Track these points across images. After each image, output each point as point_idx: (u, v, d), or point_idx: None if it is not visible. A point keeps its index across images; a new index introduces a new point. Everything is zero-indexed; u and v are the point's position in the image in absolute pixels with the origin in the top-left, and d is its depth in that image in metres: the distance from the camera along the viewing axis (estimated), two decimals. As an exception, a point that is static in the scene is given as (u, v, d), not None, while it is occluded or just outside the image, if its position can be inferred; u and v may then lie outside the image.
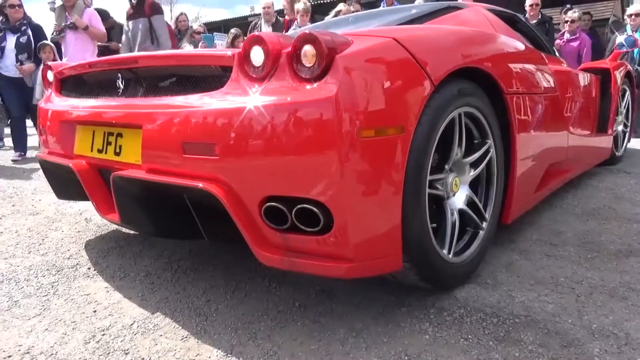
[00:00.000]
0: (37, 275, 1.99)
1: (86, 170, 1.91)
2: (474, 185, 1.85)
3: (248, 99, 1.38)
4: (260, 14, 6.75)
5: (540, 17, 6.16)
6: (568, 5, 6.78)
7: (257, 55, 1.38)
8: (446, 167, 1.67)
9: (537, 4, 6.16)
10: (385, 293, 1.71)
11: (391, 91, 1.35)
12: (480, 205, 1.82)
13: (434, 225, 1.61)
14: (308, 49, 1.29)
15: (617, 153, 3.85)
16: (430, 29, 1.92)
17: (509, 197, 1.96)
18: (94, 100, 2.00)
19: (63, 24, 5.12)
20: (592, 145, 3.24)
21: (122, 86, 1.86)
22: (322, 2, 14.86)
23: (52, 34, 5.26)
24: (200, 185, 1.42)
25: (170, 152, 1.52)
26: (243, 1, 78.59)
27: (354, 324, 1.53)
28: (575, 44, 6.13)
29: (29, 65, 5.10)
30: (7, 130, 5.87)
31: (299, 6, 5.59)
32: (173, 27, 7.18)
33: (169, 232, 1.78)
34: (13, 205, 3.08)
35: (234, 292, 1.78)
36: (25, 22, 5.13)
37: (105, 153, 1.82)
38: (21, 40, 5.07)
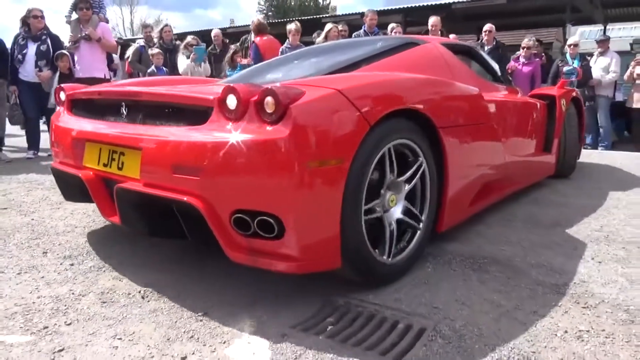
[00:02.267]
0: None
1: (93, 180, 2.23)
2: (412, 193, 2.19)
3: (224, 134, 1.73)
4: (249, 29, 7.29)
5: (494, 42, 7.15)
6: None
7: (232, 102, 1.74)
8: (382, 191, 2.02)
9: (490, 31, 7.12)
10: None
11: (333, 131, 1.71)
12: (417, 211, 2.18)
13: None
14: (269, 100, 1.64)
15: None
16: (372, 77, 2.16)
17: (442, 210, 2.33)
18: (100, 122, 2.34)
19: (78, 36, 5.63)
20: (537, 163, 3.71)
21: (125, 112, 2.22)
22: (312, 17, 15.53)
23: (68, 44, 5.78)
24: (185, 199, 1.78)
25: (163, 171, 1.86)
26: (199, 5, 78.51)
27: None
28: (528, 68, 7.11)
29: (46, 72, 5.57)
30: (13, 130, 6.28)
31: (290, 27, 6.23)
32: (152, 36, 7.47)
33: (160, 233, 2.11)
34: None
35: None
36: (45, 32, 5.58)
37: (110, 167, 2.14)
38: (41, 48, 5.53)
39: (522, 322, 1.76)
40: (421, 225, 2.20)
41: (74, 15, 5.74)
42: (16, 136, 7.38)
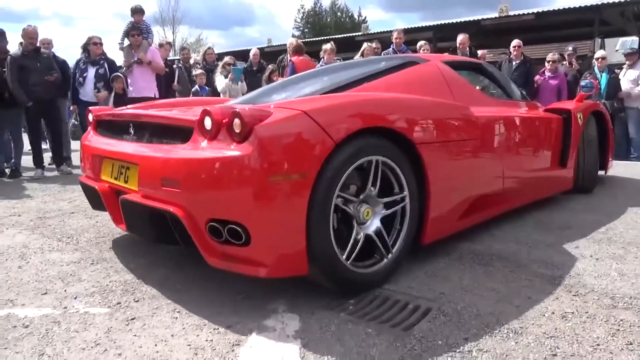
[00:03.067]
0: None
1: (106, 192, 2.52)
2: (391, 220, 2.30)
3: (200, 152, 1.96)
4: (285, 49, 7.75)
5: (522, 57, 7.35)
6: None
7: (208, 123, 1.97)
8: (361, 197, 2.16)
9: (518, 46, 7.34)
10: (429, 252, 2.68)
11: (296, 149, 1.87)
12: (388, 239, 2.24)
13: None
14: (237, 121, 1.84)
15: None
16: (341, 98, 2.28)
17: (425, 225, 2.42)
18: (115, 140, 2.64)
19: (131, 60, 6.20)
20: (549, 177, 3.75)
21: (132, 131, 2.52)
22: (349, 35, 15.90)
23: (122, 68, 6.37)
24: (171, 209, 2.01)
25: (154, 183, 2.10)
26: (238, 23, 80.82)
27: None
28: (555, 81, 7.27)
29: (103, 93, 6.18)
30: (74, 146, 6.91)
31: (326, 46, 6.66)
32: (189, 57, 7.97)
33: (161, 240, 2.30)
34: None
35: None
36: (103, 57, 6.23)
37: (119, 180, 2.43)
38: (99, 71, 6.15)
39: (516, 305, 2.04)
40: (390, 256, 2.24)
41: (126, 42, 6.33)
42: (77, 151, 8.05)
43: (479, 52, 7.64)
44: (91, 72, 6.13)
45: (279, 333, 1.83)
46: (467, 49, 7.12)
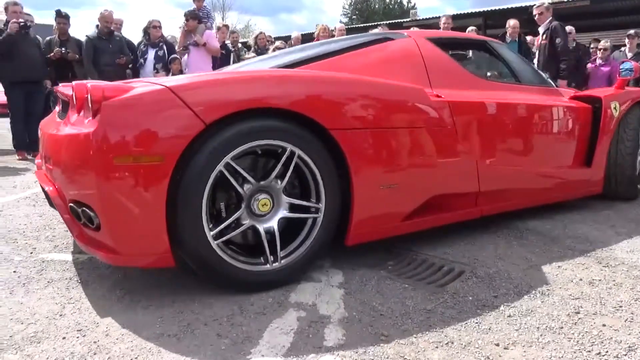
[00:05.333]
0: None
1: None
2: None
3: (63, 127, 1.94)
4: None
5: (574, 44, 7.22)
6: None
7: (73, 98, 1.89)
8: (261, 182, 1.93)
9: (570, 32, 7.20)
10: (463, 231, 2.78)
11: (153, 129, 1.67)
12: (279, 246, 1.94)
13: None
14: (88, 97, 1.70)
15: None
16: (220, 76, 2.01)
17: (349, 225, 2.11)
18: None
19: (187, 42, 6.53)
20: (564, 177, 3.11)
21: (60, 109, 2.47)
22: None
23: (179, 49, 6.71)
24: (48, 187, 2.06)
25: (45, 160, 2.17)
26: (285, 9, 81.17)
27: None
28: (606, 69, 7.12)
29: (162, 74, 6.56)
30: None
31: (373, 32, 6.91)
32: (237, 41, 8.18)
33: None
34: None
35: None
36: (162, 39, 6.61)
37: None
38: (159, 53, 6.51)
39: (546, 272, 2.18)
40: (275, 265, 1.94)
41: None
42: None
43: (528, 37, 7.54)
44: (151, 54, 6.50)
45: (325, 283, 2.05)
46: (517, 35, 7.05)
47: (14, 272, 2.16)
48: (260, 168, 2.04)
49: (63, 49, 6.02)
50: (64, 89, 2.39)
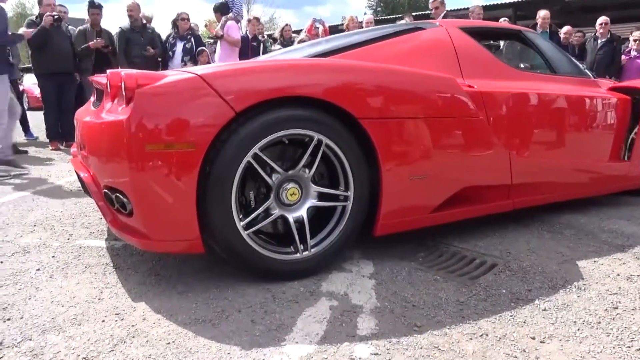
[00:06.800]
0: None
1: None
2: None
3: (98, 114, 1.97)
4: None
5: (609, 35, 7.02)
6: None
7: (108, 86, 1.91)
8: (289, 172, 1.93)
9: (606, 23, 7.01)
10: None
11: (184, 116, 1.69)
12: (308, 235, 1.95)
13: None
14: (122, 85, 1.74)
15: None
16: (250, 65, 2.01)
17: (378, 215, 2.09)
18: None
19: (210, 35, 6.58)
20: (596, 172, 3.01)
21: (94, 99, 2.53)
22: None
23: (206, 42, 6.77)
24: (83, 174, 2.12)
25: (80, 147, 2.23)
26: (309, 2, 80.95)
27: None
28: (640, 60, 6.89)
29: (190, 66, 6.65)
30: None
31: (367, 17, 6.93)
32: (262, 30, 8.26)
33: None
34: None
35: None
36: (190, 32, 6.67)
37: None
38: (187, 45, 6.57)
39: (581, 267, 2.14)
40: (305, 253, 1.95)
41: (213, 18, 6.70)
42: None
43: (565, 28, 7.37)
44: (179, 46, 6.57)
45: (355, 274, 2.05)
46: (547, 26, 6.90)
47: (53, 257, 2.22)
48: (288, 157, 2.03)
49: (98, 39, 6.12)
50: (99, 78, 2.43)
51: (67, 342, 1.49)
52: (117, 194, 1.80)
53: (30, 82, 13.56)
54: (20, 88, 13.43)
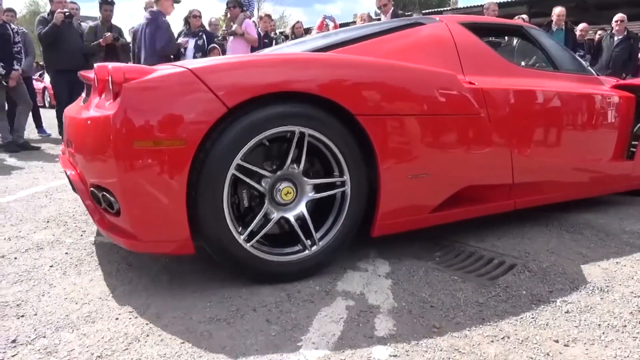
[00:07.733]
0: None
1: None
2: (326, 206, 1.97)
3: (85, 110, 1.89)
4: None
5: (626, 33, 6.91)
6: None
7: (96, 80, 1.84)
8: (278, 173, 1.86)
9: (622, 20, 6.90)
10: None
11: (174, 112, 1.62)
12: (312, 228, 1.90)
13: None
14: (109, 78, 1.67)
15: None
16: (243, 59, 1.94)
17: (375, 215, 2.03)
18: None
19: (226, 31, 6.55)
20: (599, 171, 2.94)
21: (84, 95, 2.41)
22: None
23: (218, 38, 6.75)
24: (70, 172, 2.05)
25: (67, 144, 2.14)
26: (320, 0, 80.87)
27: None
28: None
29: (202, 62, 6.64)
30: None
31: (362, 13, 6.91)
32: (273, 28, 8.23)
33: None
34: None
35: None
36: (202, 28, 6.66)
37: None
38: (199, 42, 6.55)
39: (603, 268, 2.08)
40: (314, 248, 1.91)
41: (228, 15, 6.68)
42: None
43: (581, 25, 7.26)
44: (191, 43, 6.55)
45: (371, 273, 2.01)
46: (562, 23, 6.80)
47: (66, 253, 2.21)
48: (274, 157, 1.96)
49: (107, 33, 6.12)
50: (87, 73, 2.36)
51: (81, 340, 1.48)
52: (104, 193, 1.73)
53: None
54: (42, 85, 13.55)
